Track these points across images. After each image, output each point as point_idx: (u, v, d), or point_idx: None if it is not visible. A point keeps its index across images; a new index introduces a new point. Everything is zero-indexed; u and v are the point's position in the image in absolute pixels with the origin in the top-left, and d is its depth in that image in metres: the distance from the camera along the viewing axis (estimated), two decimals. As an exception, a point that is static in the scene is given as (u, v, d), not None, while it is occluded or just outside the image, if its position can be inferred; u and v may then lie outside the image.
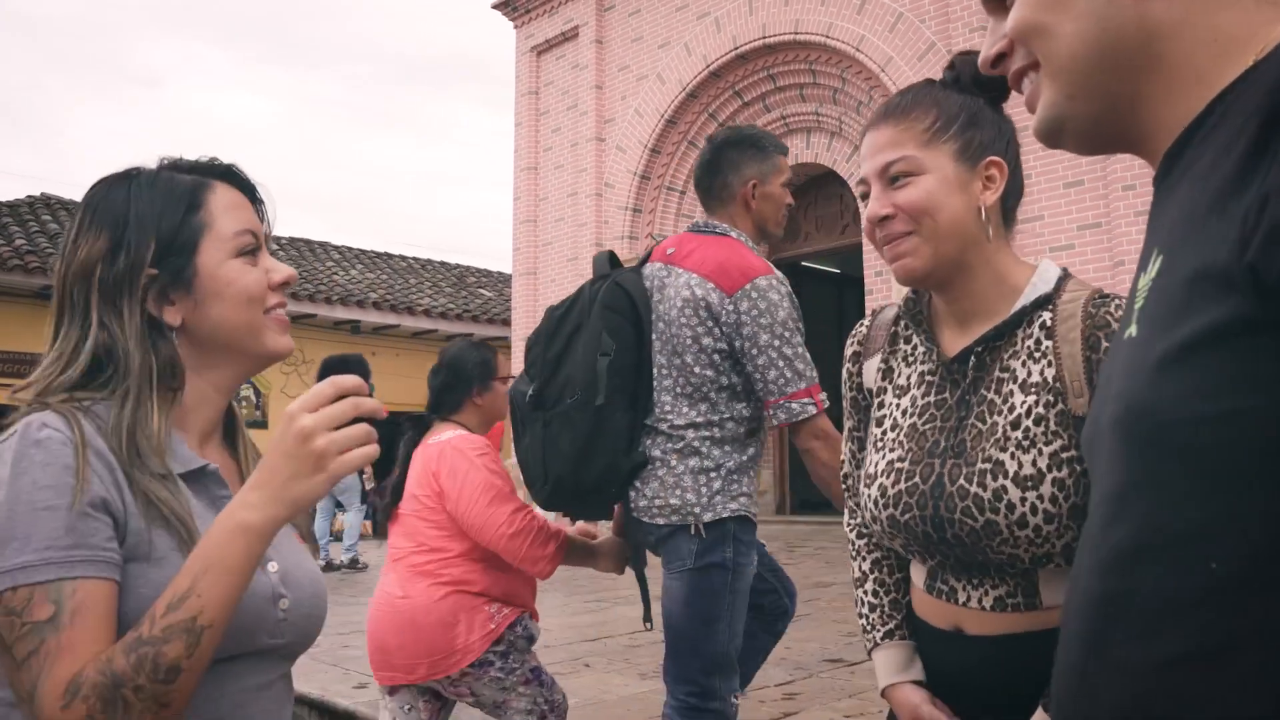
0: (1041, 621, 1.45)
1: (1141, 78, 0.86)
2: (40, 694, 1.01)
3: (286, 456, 1.12)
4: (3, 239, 18.74)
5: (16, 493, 1.06)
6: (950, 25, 11.65)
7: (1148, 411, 0.76)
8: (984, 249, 1.54)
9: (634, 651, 5.38)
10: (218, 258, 1.27)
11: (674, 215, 15.56)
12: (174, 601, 1.05)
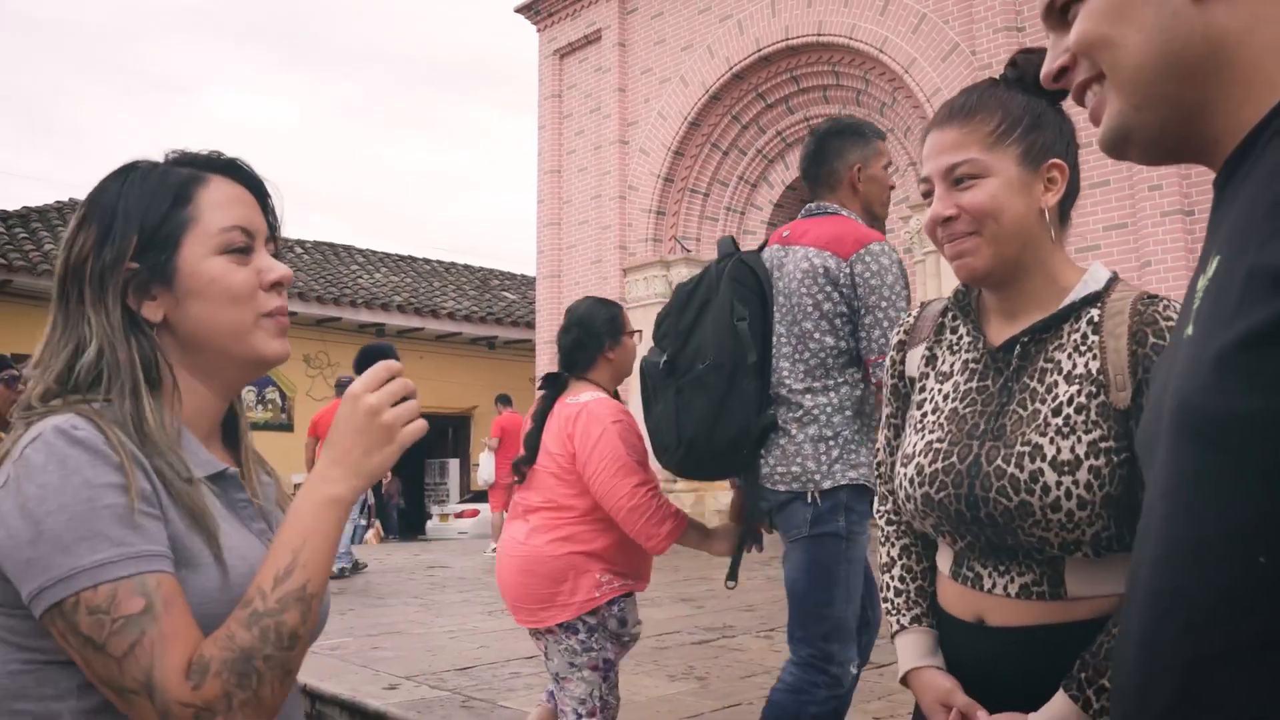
0: (1064, 613, 1.47)
1: (1207, 86, 0.87)
2: (160, 680, 1.01)
3: (359, 432, 1.16)
4: (31, 244, 18.92)
5: (73, 493, 1.06)
6: (974, 26, 11.62)
7: (1203, 408, 0.78)
8: (1041, 250, 1.56)
9: (662, 653, 5.41)
10: (200, 253, 1.23)
11: (697, 217, 15.57)
12: (280, 575, 1.08)
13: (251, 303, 1.24)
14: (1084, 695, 1.40)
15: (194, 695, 1.02)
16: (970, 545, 1.56)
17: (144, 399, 1.17)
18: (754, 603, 7.21)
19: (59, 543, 1.04)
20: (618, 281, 15.80)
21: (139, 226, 1.21)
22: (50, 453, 1.07)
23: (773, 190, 15.25)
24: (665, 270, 15.29)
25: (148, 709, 1.01)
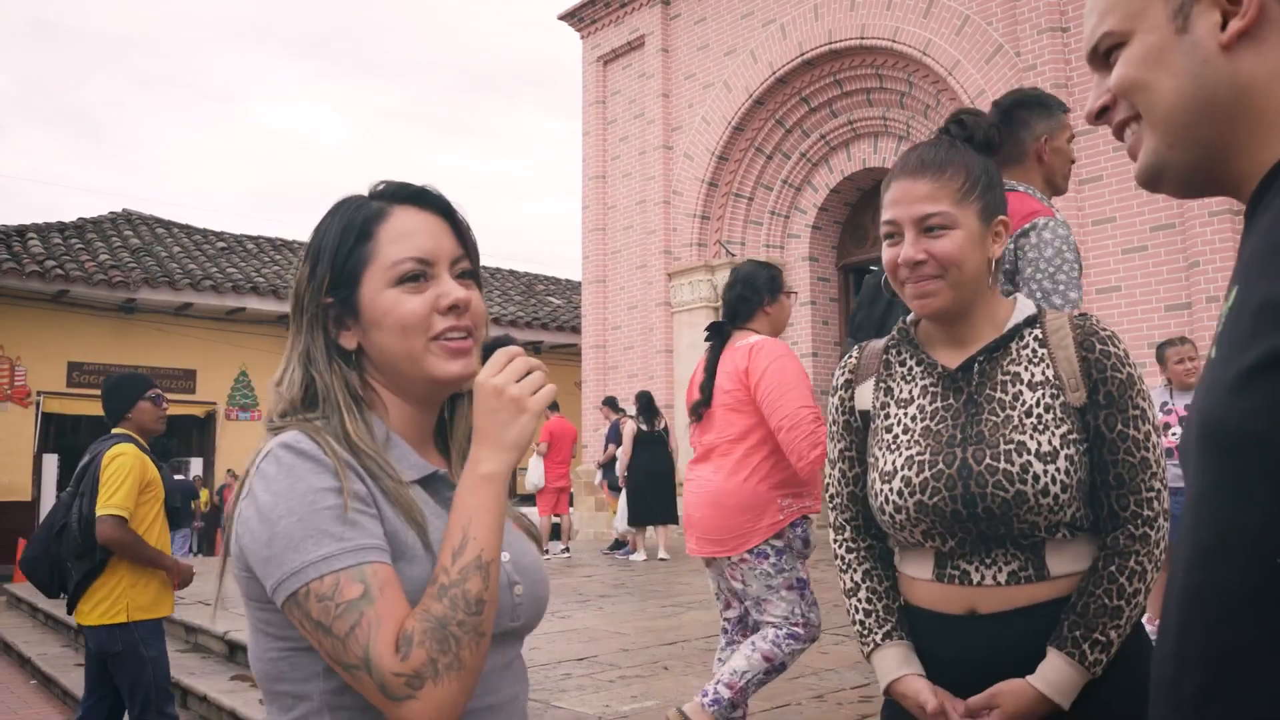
0: (1048, 592, 1.68)
1: (1235, 127, 0.96)
2: (374, 655, 1.13)
3: (492, 413, 1.26)
4: (87, 254, 19.29)
5: (299, 496, 1.19)
6: (1018, 26, 11.60)
7: (1223, 424, 0.87)
8: (984, 290, 1.80)
9: (710, 655, 5.46)
10: (377, 287, 1.32)
11: (742, 222, 15.62)
12: (456, 550, 1.19)
13: (423, 329, 1.33)
14: (1079, 649, 1.60)
15: (403, 665, 1.13)
16: (959, 543, 1.72)
17: (346, 415, 1.29)
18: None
19: (290, 541, 1.17)
20: (663, 286, 15.88)
21: (331, 264, 1.33)
22: (279, 464, 1.21)
23: (817, 194, 15.28)
24: (710, 275, 15.35)
25: (368, 681, 1.13)
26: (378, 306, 1.33)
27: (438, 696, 1.14)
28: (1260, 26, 0.93)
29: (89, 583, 4.37)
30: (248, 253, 22.65)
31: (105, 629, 4.38)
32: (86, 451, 4.62)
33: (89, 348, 19.06)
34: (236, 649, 6.69)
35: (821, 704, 4.36)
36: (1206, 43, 0.95)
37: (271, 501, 1.19)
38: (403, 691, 1.13)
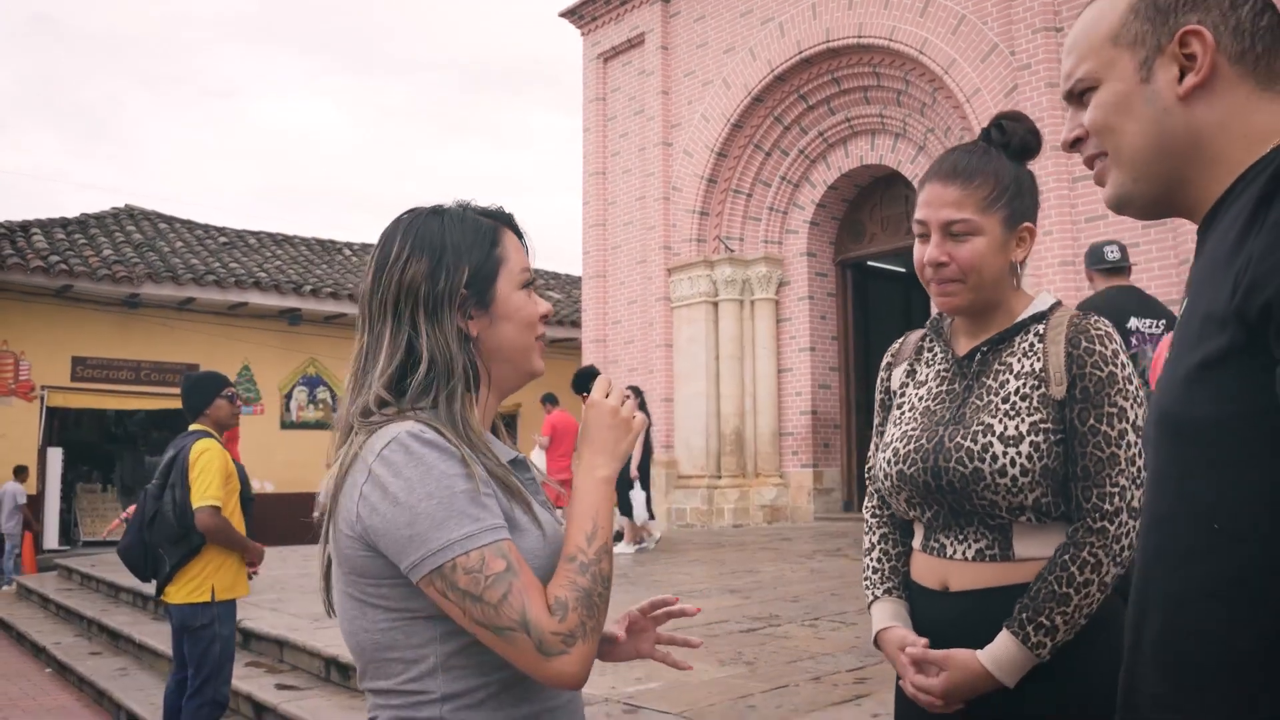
0: (1013, 575, 1.81)
1: (1190, 166, 1.16)
2: (532, 618, 1.31)
3: (610, 428, 1.51)
4: (91, 250, 19.42)
5: (436, 482, 1.34)
6: (1013, 26, 11.76)
7: (1174, 414, 1.08)
8: (1005, 291, 1.93)
9: (713, 641, 5.64)
10: (509, 288, 1.53)
11: (741, 218, 15.80)
12: (590, 535, 1.42)
13: (535, 328, 1.57)
14: (1024, 631, 1.73)
15: (561, 625, 1.33)
16: (936, 515, 1.89)
17: (467, 402, 1.47)
18: (798, 594, 7.44)
19: (432, 521, 1.33)
20: (662, 281, 16.06)
21: (469, 261, 1.50)
22: (408, 454, 1.36)
23: (815, 190, 15.45)
24: (709, 270, 15.53)
25: (524, 641, 1.32)
26: (512, 303, 1.53)
27: (585, 652, 1.35)
28: (1212, 81, 1.13)
29: (182, 565, 4.81)
30: (250, 248, 22.78)
31: (190, 606, 4.83)
32: (170, 446, 5.08)
33: (93, 342, 19.20)
34: (250, 637, 6.87)
35: (818, 685, 4.55)
36: (1166, 93, 1.14)
37: (406, 487, 1.34)
38: (559, 648, 1.32)
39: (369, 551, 1.38)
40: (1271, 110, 1.12)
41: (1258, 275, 0.96)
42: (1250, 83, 1.13)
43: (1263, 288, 0.95)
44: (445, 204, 1.60)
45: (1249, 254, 0.99)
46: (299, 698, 5.54)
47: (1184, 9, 1.15)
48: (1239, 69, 1.13)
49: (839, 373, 15.53)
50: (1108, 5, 1.22)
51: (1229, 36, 1.14)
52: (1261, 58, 1.13)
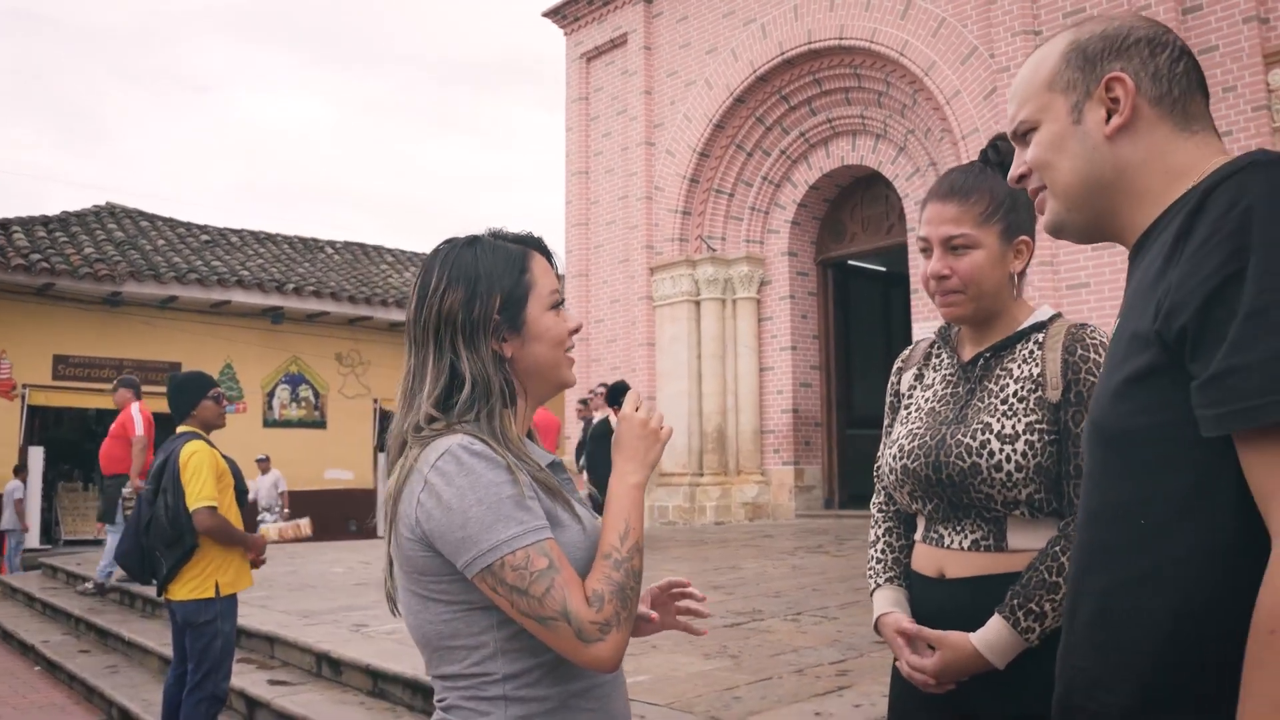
0: (1006, 564, 1.93)
1: (1118, 198, 1.30)
2: (572, 609, 1.46)
3: (641, 439, 1.66)
4: (72, 248, 19.38)
5: (484, 489, 1.49)
6: (992, 29, 11.90)
7: (1104, 423, 1.20)
8: (1006, 301, 2.06)
9: (697, 636, 5.76)
10: (539, 310, 1.67)
11: (723, 217, 15.91)
12: (623, 534, 1.56)
13: (564, 344, 1.70)
14: (1014, 616, 1.84)
15: (598, 615, 1.48)
16: (936, 508, 2.02)
17: (506, 416, 1.62)
18: (781, 589, 7.56)
19: (482, 524, 1.48)
20: (645, 280, 16.16)
21: (500, 289, 1.64)
22: (459, 464, 1.51)
23: (796, 190, 15.58)
24: (691, 269, 15.65)
25: (565, 629, 1.46)
26: (541, 324, 1.67)
27: (619, 639, 1.50)
28: (1134, 122, 1.26)
29: (180, 567, 4.89)
30: (232, 245, 22.78)
31: (194, 603, 4.91)
32: (160, 451, 5.15)
33: (75, 341, 19.18)
34: (240, 634, 6.93)
35: (801, 677, 4.66)
36: (1095, 133, 1.28)
37: (458, 494, 1.49)
38: (596, 635, 1.47)
39: (428, 552, 1.53)
40: (1188, 148, 1.26)
41: (1175, 302, 1.08)
42: (1169, 123, 1.28)
43: (1180, 313, 1.08)
44: (479, 233, 1.74)
45: (1169, 282, 1.12)
46: (291, 693, 5.62)
47: (1109, 57, 1.30)
48: (1158, 111, 1.28)
49: (820, 371, 15.67)
50: (1045, 55, 1.37)
51: (1149, 82, 1.28)
52: (1178, 101, 1.28)
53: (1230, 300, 1.04)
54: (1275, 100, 10.14)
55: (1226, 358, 1.03)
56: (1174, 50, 1.30)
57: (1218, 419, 1.05)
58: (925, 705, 1.99)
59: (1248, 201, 1.07)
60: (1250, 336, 1.02)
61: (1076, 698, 1.22)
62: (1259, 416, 1.01)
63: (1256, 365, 1.01)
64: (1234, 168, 1.14)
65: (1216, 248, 1.07)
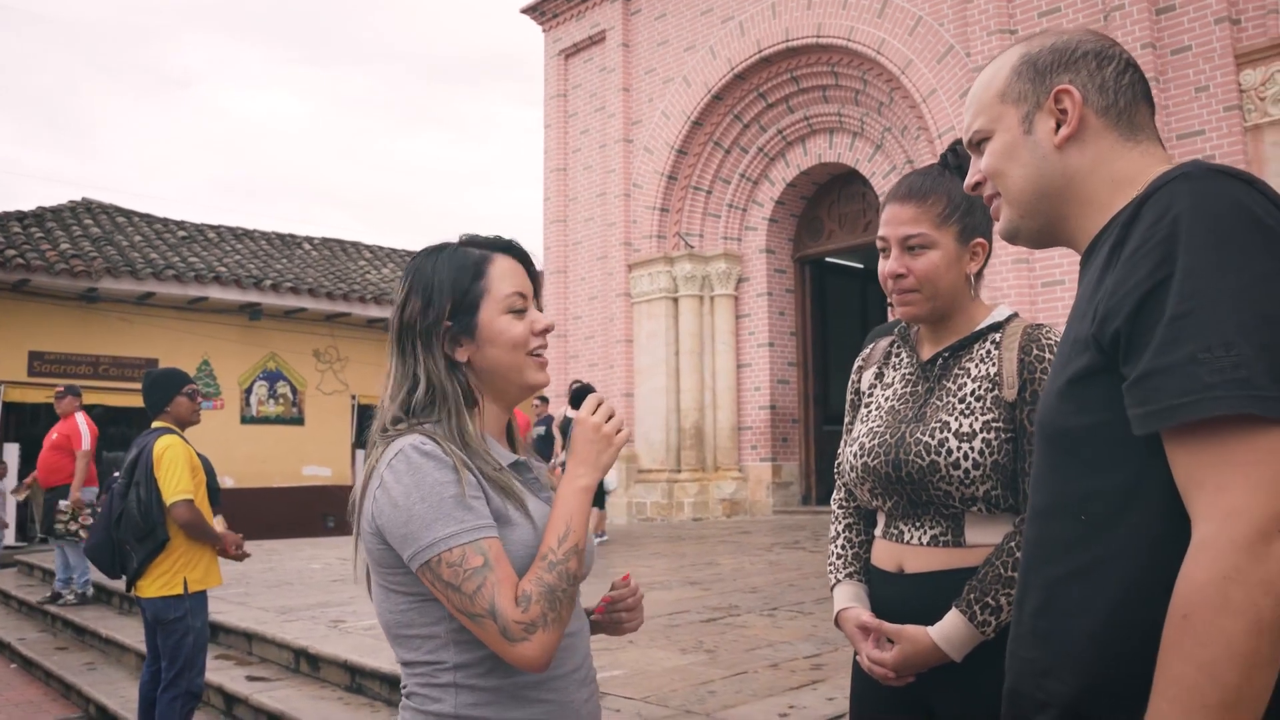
0: (964, 559, 1.96)
1: (1067, 204, 1.36)
2: (500, 608, 1.50)
3: (591, 443, 1.69)
4: (48, 244, 19.26)
5: (428, 488, 1.54)
6: (969, 28, 11.98)
7: (1050, 422, 1.26)
8: (963, 301, 2.10)
9: (674, 630, 5.81)
10: (493, 314, 1.70)
11: (700, 214, 15.96)
12: (561, 538, 1.59)
13: (525, 346, 1.73)
14: (971, 610, 1.88)
15: (524, 615, 1.51)
16: (896, 505, 2.06)
17: (463, 417, 1.66)
18: (757, 585, 7.62)
19: (423, 521, 1.53)
20: (623, 277, 16.19)
21: (451, 295, 1.69)
22: (408, 463, 1.57)
23: (774, 188, 15.64)
24: (669, 266, 15.69)
25: (492, 627, 1.51)
26: (494, 328, 1.71)
27: (544, 639, 1.52)
28: (1082, 132, 1.32)
29: (150, 561, 4.89)
30: (209, 242, 22.68)
31: (163, 600, 4.90)
32: (133, 445, 5.15)
33: (51, 337, 19.08)
34: (218, 630, 6.95)
35: (775, 671, 4.72)
36: (1045, 143, 1.34)
37: (405, 492, 1.55)
38: (521, 635, 1.51)
39: (384, 545, 1.59)
40: (1133, 157, 1.33)
41: (1110, 307, 1.14)
42: (1115, 133, 1.34)
43: (1113, 318, 1.14)
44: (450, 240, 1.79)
45: (1106, 289, 1.18)
46: (269, 689, 5.64)
47: (1058, 70, 1.36)
48: (1105, 121, 1.34)
49: (797, 368, 15.74)
50: (998, 68, 1.43)
51: (1095, 93, 1.34)
52: (1124, 112, 1.34)
53: (1157, 306, 1.10)
54: (1247, 100, 10.25)
55: (1151, 360, 1.09)
56: (1120, 63, 1.36)
57: (1143, 418, 1.10)
58: (885, 698, 2.04)
59: (1175, 212, 1.13)
60: (1172, 340, 1.08)
61: (1024, 687, 1.27)
62: (1179, 415, 1.07)
63: (1177, 367, 1.07)
64: (1166, 179, 1.19)
65: (1146, 256, 1.13)
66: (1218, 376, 1.05)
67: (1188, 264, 1.09)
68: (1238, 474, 1.04)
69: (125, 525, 4.92)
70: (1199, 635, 1.02)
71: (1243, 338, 1.05)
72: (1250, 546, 1.02)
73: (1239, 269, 1.07)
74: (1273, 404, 1.03)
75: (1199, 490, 1.07)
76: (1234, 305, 1.06)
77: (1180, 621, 1.04)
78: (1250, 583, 1.01)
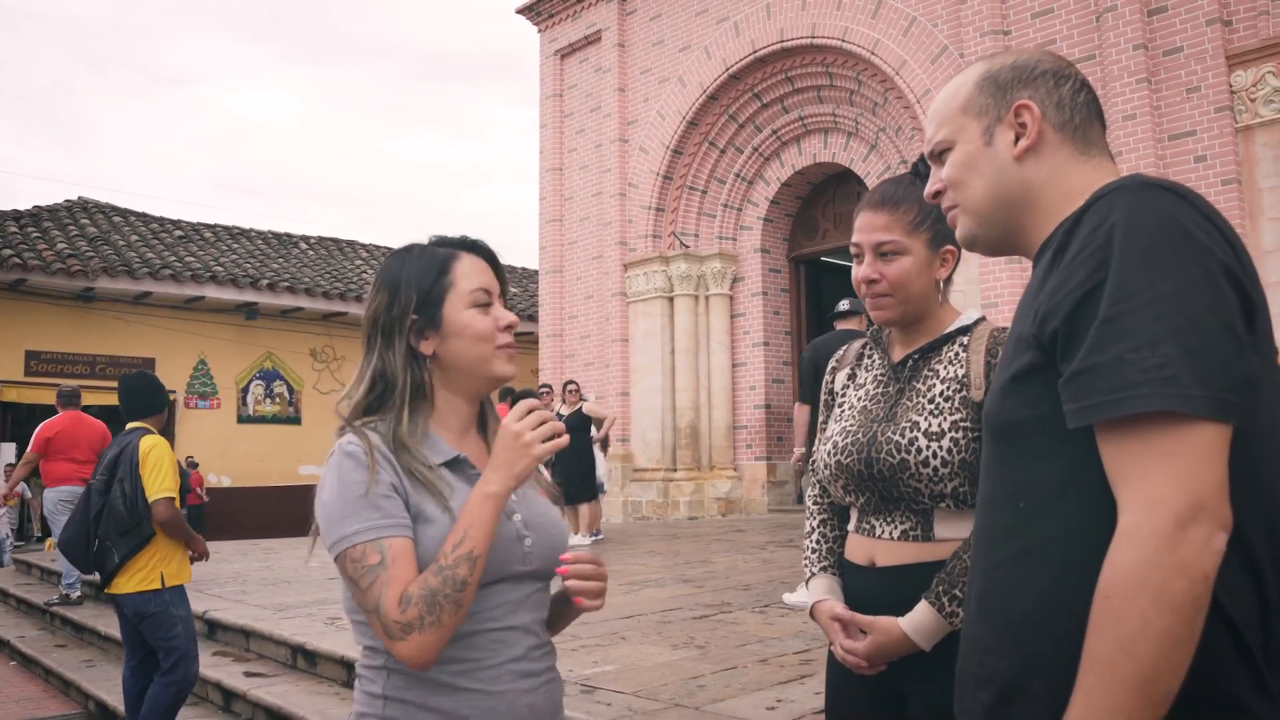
0: (933, 553, 2.04)
1: (1024, 214, 1.44)
2: (383, 606, 1.57)
3: (508, 450, 1.70)
4: (44, 243, 19.32)
5: (342, 487, 1.64)
6: (962, 29, 12.05)
7: (994, 416, 1.34)
8: (933, 305, 2.17)
9: (666, 627, 5.87)
10: (458, 308, 1.77)
11: (696, 214, 16.03)
12: (457, 543, 1.63)
13: (490, 340, 1.79)
14: (940, 601, 1.96)
15: (401, 616, 1.57)
16: (868, 501, 2.13)
17: (403, 414, 1.73)
18: (750, 583, 7.68)
19: (334, 518, 1.64)
20: (618, 276, 16.26)
21: (417, 290, 1.76)
22: (334, 463, 1.68)
23: (769, 187, 15.71)
24: (665, 265, 15.76)
25: (376, 623, 1.60)
26: (459, 321, 1.77)
27: (420, 641, 1.58)
28: (1040, 145, 1.40)
29: (131, 556, 4.96)
30: (205, 241, 22.74)
31: (141, 595, 4.97)
32: (113, 444, 5.24)
33: (47, 337, 19.14)
34: (216, 627, 7.02)
35: (765, 666, 4.79)
36: (1004, 154, 1.42)
37: (329, 488, 1.66)
38: (399, 634, 1.58)
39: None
40: (1085, 171, 1.41)
41: (1049, 309, 1.23)
42: (1070, 147, 1.42)
43: (1052, 319, 1.22)
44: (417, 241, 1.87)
45: (1047, 291, 1.26)
46: (267, 684, 5.70)
47: (1018, 86, 1.44)
48: (1061, 136, 1.42)
49: (792, 367, 15.80)
50: (960, 82, 1.51)
51: (1053, 109, 1.42)
52: (1079, 128, 1.43)
53: (1092, 309, 1.18)
54: (1238, 101, 10.33)
55: (1084, 359, 1.18)
56: (1075, 82, 1.45)
57: (1076, 412, 1.19)
58: (859, 686, 2.11)
59: (1111, 222, 1.21)
60: (1103, 341, 1.16)
61: (970, 665, 1.35)
62: (1106, 410, 1.15)
63: (1106, 366, 1.15)
64: (1106, 190, 1.27)
65: (1084, 262, 1.21)
66: (1143, 375, 1.12)
67: (1119, 271, 1.17)
68: (1158, 466, 1.12)
69: (109, 521, 4.97)
70: (1118, 615, 1.10)
71: (1167, 340, 1.13)
72: (1167, 534, 1.10)
73: (1166, 276, 1.15)
74: (1192, 401, 1.11)
75: (1124, 481, 1.15)
76: (1160, 310, 1.14)
77: (1103, 603, 1.12)
78: (1166, 566, 1.09)
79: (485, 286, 1.81)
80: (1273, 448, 1.24)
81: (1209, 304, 1.15)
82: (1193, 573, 1.09)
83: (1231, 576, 1.16)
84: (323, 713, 5.06)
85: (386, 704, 1.68)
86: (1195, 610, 1.10)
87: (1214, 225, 1.21)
